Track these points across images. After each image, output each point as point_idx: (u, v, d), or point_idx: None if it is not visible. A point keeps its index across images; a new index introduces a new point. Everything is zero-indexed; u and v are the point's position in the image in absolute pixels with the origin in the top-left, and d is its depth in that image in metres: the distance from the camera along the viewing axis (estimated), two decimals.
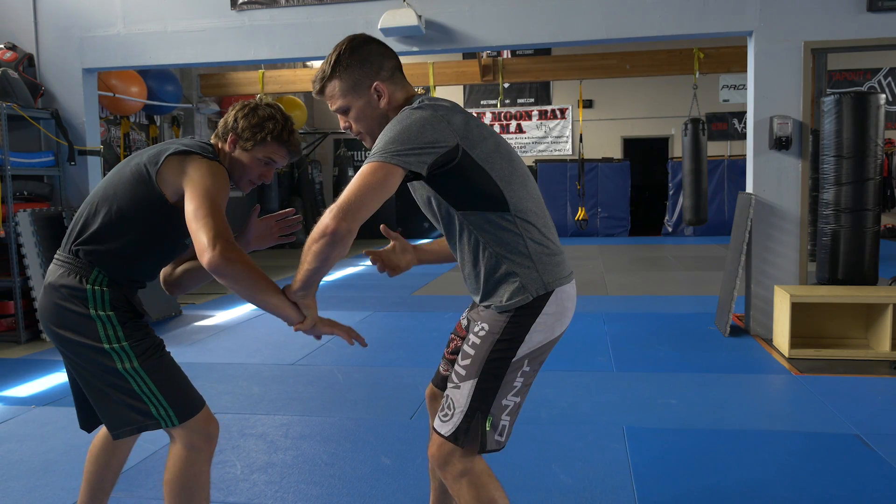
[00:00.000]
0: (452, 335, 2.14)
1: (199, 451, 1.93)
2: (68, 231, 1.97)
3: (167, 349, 2.02)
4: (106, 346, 1.87)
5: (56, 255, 1.97)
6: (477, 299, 1.88)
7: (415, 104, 1.77)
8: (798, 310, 4.68)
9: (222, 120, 2.07)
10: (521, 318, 1.79)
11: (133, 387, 1.88)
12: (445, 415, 1.81)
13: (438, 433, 1.81)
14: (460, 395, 1.79)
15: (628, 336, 5.34)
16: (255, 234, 2.23)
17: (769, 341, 5.07)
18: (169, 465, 1.93)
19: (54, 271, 1.94)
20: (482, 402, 1.78)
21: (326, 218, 1.63)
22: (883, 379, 4.19)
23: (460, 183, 1.75)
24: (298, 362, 4.79)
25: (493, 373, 1.79)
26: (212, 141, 2.08)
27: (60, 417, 3.73)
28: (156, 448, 3.16)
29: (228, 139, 2.02)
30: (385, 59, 1.87)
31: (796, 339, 4.71)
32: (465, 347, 1.83)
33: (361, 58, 1.84)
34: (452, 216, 1.82)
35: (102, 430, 2.17)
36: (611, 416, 3.62)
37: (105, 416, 1.95)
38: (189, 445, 1.92)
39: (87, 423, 2.14)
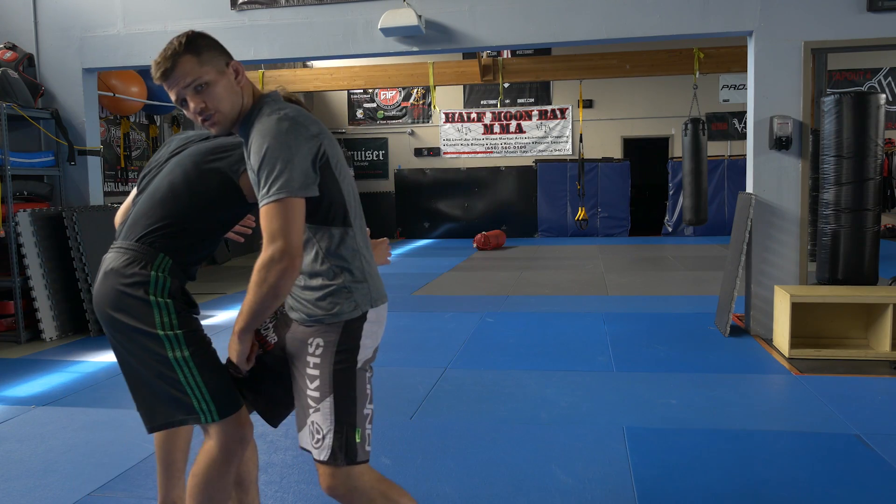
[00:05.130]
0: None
1: (232, 453, 1.95)
2: (128, 223, 2.00)
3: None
4: (160, 332, 1.89)
5: (115, 245, 2.01)
6: (305, 311, 1.85)
7: (270, 118, 1.75)
8: (798, 310, 4.68)
9: None
10: (350, 328, 1.83)
11: (179, 377, 1.89)
12: (318, 441, 1.82)
13: (319, 461, 1.82)
14: (323, 416, 1.81)
15: (628, 336, 5.33)
16: None
17: (769, 341, 5.07)
18: (199, 460, 1.96)
19: (116, 258, 1.95)
20: (346, 415, 1.81)
21: (278, 267, 1.69)
22: (883, 379, 4.19)
23: (320, 195, 1.77)
24: None
25: (345, 383, 1.82)
26: None
27: (60, 417, 3.73)
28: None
29: None
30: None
31: (796, 339, 4.71)
32: (309, 371, 1.83)
33: (211, 41, 1.83)
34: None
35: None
36: (611, 416, 3.62)
37: (143, 407, 1.97)
38: (223, 447, 1.94)
39: None
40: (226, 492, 1.97)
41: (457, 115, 14.97)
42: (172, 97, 1.82)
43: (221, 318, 6.37)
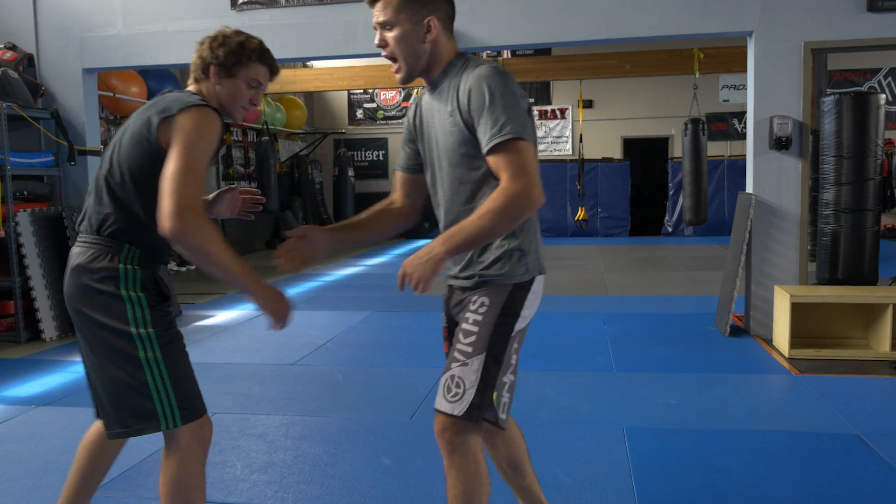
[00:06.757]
0: (447, 348, 2.08)
1: (193, 451, 1.93)
2: (85, 215, 1.96)
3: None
4: (132, 329, 1.86)
5: (79, 239, 1.96)
6: (470, 271, 1.89)
7: (488, 66, 1.81)
8: (798, 310, 4.68)
9: (195, 59, 2.04)
10: (516, 293, 1.86)
11: (148, 379, 1.86)
12: (455, 395, 1.83)
13: (450, 414, 1.83)
14: (469, 371, 1.82)
15: (628, 336, 5.33)
16: (219, 204, 2.30)
17: (769, 341, 5.07)
18: (164, 467, 1.94)
19: (81, 253, 1.92)
20: (492, 376, 1.83)
21: (531, 197, 1.71)
22: (883, 379, 4.19)
23: None
24: (298, 362, 4.79)
25: (499, 346, 1.84)
26: (192, 88, 2.05)
27: (60, 417, 3.73)
28: (156, 448, 3.16)
29: (211, 72, 2.01)
30: (446, 3, 1.91)
31: (796, 339, 4.71)
32: (466, 326, 1.86)
33: None
34: (487, 177, 1.83)
35: (90, 431, 2.16)
36: (611, 416, 3.62)
37: (105, 411, 1.95)
38: (184, 446, 1.92)
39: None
40: (200, 490, 1.95)
41: None
42: (373, 21, 1.90)
43: (221, 319, 6.36)
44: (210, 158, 1.89)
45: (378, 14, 1.87)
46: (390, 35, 1.86)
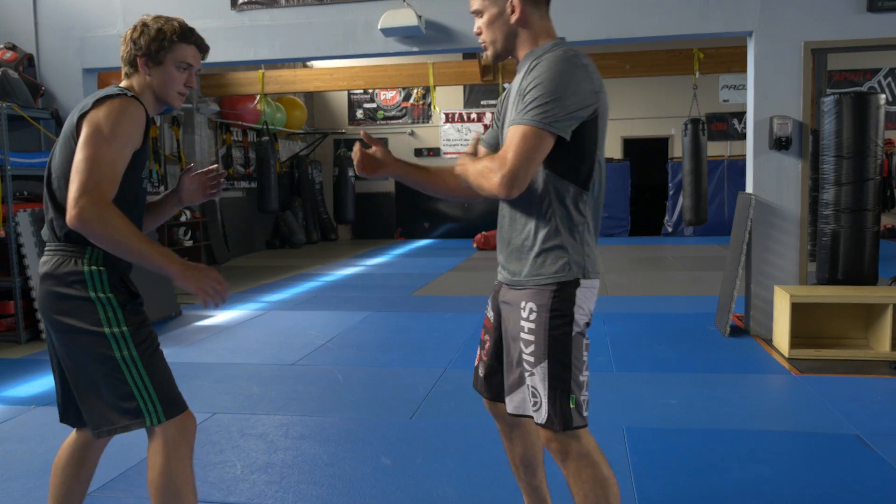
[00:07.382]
0: (484, 336, 2.10)
1: (179, 446, 1.92)
2: (46, 220, 1.95)
3: (163, 348, 2.01)
4: (106, 329, 1.86)
5: (45, 248, 1.96)
6: (513, 267, 1.89)
7: (561, 51, 1.79)
8: (798, 310, 4.68)
9: (122, 55, 2.03)
10: (561, 292, 1.82)
11: (126, 377, 1.86)
12: (535, 404, 1.84)
13: (542, 425, 1.84)
14: (539, 380, 1.82)
15: (628, 336, 5.34)
16: (185, 191, 2.27)
17: (769, 341, 5.07)
18: (151, 464, 1.92)
19: (47, 261, 1.92)
20: (560, 381, 1.81)
21: (496, 179, 1.71)
22: (883, 379, 4.19)
23: (573, 144, 1.78)
24: (298, 362, 4.79)
25: (560, 348, 1.81)
26: (124, 85, 2.04)
27: None
28: None
29: (139, 64, 2.00)
30: None
31: (796, 339, 4.71)
32: (524, 336, 1.84)
33: None
34: (537, 171, 1.81)
35: (68, 440, 2.15)
36: (611, 416, 3.62)
37: (90, 413, 1.93)
38: (170, 441, 1.91)
39: (66, 416, 2.12)
40: (189, 485, 1.94)
41: (457, 115, 14.97)
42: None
43: (221, 319, 6.36)
44: (126, 147, 1.88)
45: (472, 3, 1.94)
46: (481, 21, 1.93)
